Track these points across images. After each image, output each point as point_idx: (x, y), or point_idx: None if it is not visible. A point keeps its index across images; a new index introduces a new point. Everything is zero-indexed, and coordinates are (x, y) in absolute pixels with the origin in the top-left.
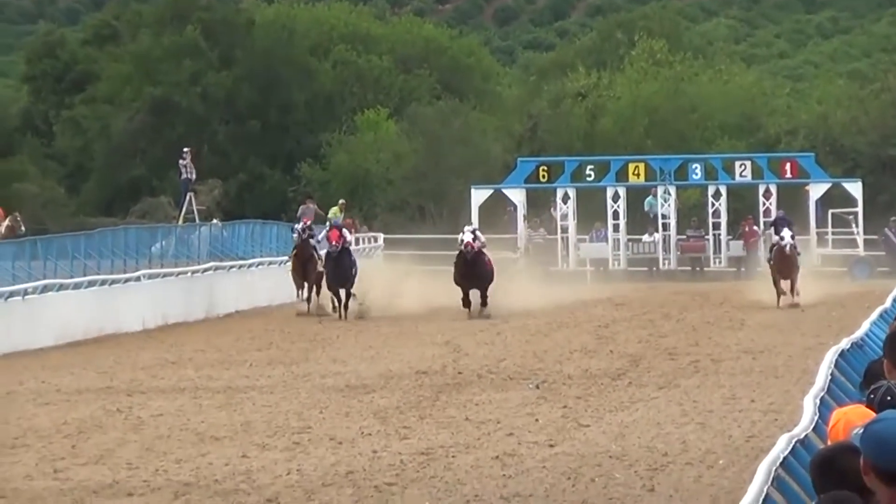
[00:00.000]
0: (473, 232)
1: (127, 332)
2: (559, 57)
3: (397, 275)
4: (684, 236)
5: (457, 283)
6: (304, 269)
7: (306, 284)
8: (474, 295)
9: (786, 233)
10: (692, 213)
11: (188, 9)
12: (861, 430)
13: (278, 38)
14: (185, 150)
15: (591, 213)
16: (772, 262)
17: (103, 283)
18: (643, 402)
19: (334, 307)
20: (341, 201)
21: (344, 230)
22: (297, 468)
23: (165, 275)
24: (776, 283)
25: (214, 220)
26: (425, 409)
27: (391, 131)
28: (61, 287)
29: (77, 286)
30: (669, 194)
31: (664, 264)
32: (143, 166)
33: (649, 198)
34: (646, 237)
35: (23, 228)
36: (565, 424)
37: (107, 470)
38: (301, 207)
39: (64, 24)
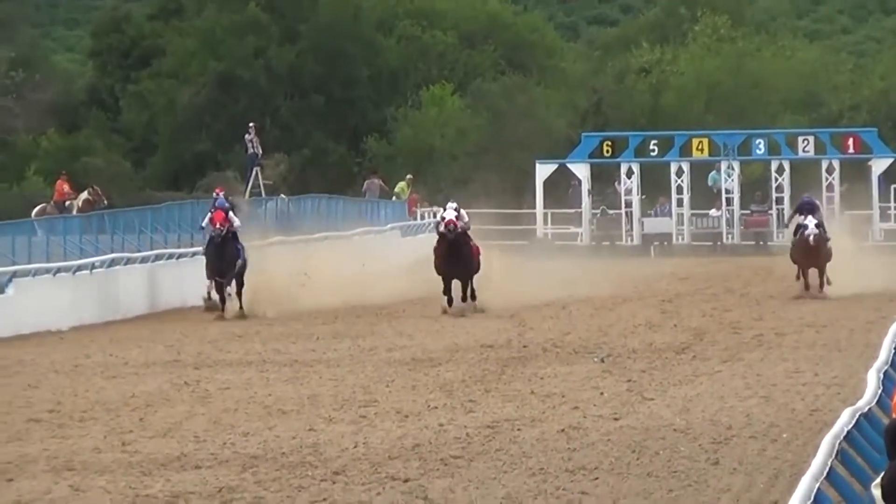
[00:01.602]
0: (457, 209)
1: (193, 306)
2: (623, 32)
3: None
4: (748, 211)
5: (437, 270)
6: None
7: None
8: (457, 287)
9: (810, 220)
10: (756, 188)
11: None
12: None
13: (343, 13)
14: (251, 125)
15: (656, 187)
16: (794, 250)
17: (170, 257)
18: (707, 376)
19: (206, 299)
20: (409, 176)
21: (231, 213)
22: (363, 441)
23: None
24: (802, 273)
25: (281, 195)
26: (491, 382)
27: (455, 106)
28: (128, 261)
29: (144, 260)
30: (733, 169)
31: (728, 239)
32: (208, 141)
33: (713, 173)
34: (712, 212)
35: (105, 201)
36: (630, 398)
37: (174, 443)
38: (366, 182)
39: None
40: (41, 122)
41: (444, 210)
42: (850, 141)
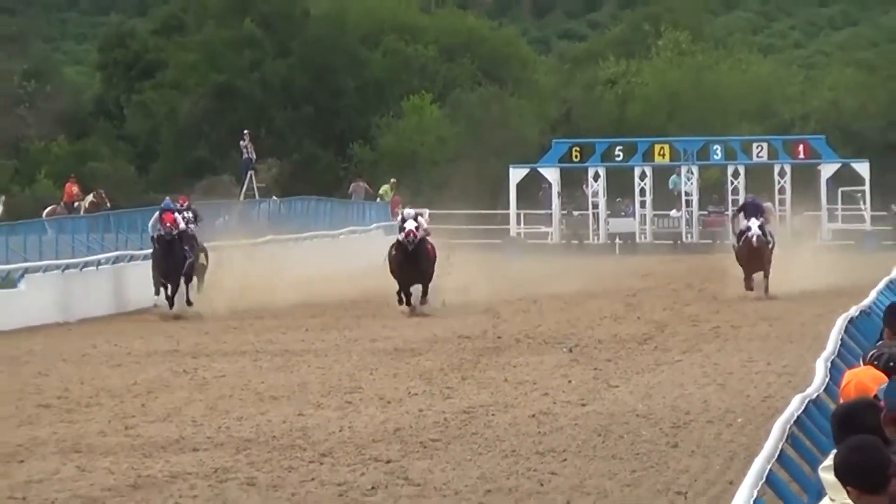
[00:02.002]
0: (416, 217)
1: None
2: (591, 47)
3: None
4: (706, 212)
5: (394, 276)
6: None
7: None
8: (415, 290)
9: (753, 222)
10: (713, 191)
11: (248, 1)
12: (885, 387)
13: (332, 29)
14: (245, 132)
15: (620, 190)
16: (738, 252)
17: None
18: (668, 365)
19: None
20: (392, 180)
21: (178, 216)
22: (349, 425)
23: (226, 248)
24: (746, 275)
25: (273, 197)
26: (467, 370)
27: (435, 115)
28: (132, 258)
29: (146, 258)
30: (692, 173)
31: (687, 238)
32: (206, 147)
33: (673, 177)
34: (672, 213)
35: (108, 204)
36: (596, 385)
37: (174, 427)
38: (352, 185)
39: (134, 15)
40: (52, 130)
41: (403, 219)
42: (801, 147)
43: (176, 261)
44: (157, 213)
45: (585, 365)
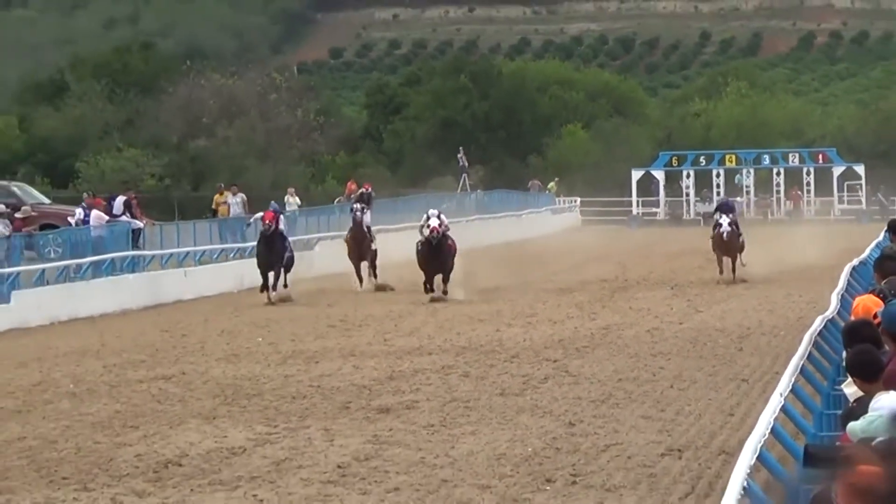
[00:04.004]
0: (439, 216)
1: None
2: (684, 92)
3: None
4: (759, 198)
5: (421, 267)
6: (359, 250)
7: (363, 264)
8: (437, 279)
9: (724, 219)
10: (764, 185)
11: (462, 63)
12: (882, 310)
13: (516, 81)
14: (461, 148)
15: (703, 184)
16: (713, 242)
17: (413, 228)
18: (735, 297)
19: (263, 287)
20: (556, 179)
21: (281, 216)
22: (529, 338)
23: (449, 223)
24: (718, 261)
25: (478, 190)
26: (605, 301)
27: (584, 137)
28: (386, 231)
29: (396, 231)
30: (750, 174)
31: (747, 214)
32: (435, 158)
33: (738, 175)
34: (737, 199)
35: (373, 194)
36: (689, 310)
37: (415, 339)
38: (530, 183)
39: (388, 73)
40: (335, 148)
41: (428, 217)
42: (820, 156)
43: (275, 254)
44: (260, 213)
45: (682, 297)
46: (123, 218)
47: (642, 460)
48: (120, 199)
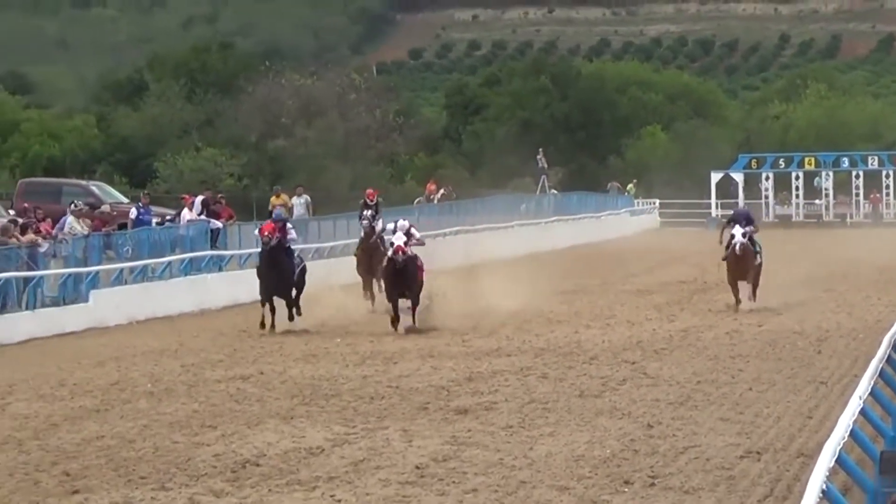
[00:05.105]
0: (408, 232)
1: (502, 259)
2: (763, 94)
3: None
4: (836, 200)
5: (385, 291)
6: (370, 262)
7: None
8: (404, 304)
9: (737, 230)
10: (843, 187)
11: (542, 64)
12: None
13: (595, 82)
14: (540, 149)
15: (782, 187)
16: (727, 262)
17: (492, 229)
18: (813, 300)
19: (262, 323)
20: (635, 180)
21: (288, 224)
22: (608, 339)
23: (527, 224)
24: (731, 285)
25: (553, 191)
26: (684, 303)
27: (663, 139)
28: (465, 232)
29: (475, 231)
30: (829, 176)
31: (826, 218)
32: (515, 159)
33: (817, 178)
34: (816, 202)
35: (454, 196)
36: (767, 313)
37: (494, 340)
38: (609, 184)
39: (467, 73)
40: (414, 148)
41: (392, 232)
42: None
43: (281, 274)
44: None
45: (762, 300)
46: (202, 217)
47: (721, 462)
48: (198, 199)
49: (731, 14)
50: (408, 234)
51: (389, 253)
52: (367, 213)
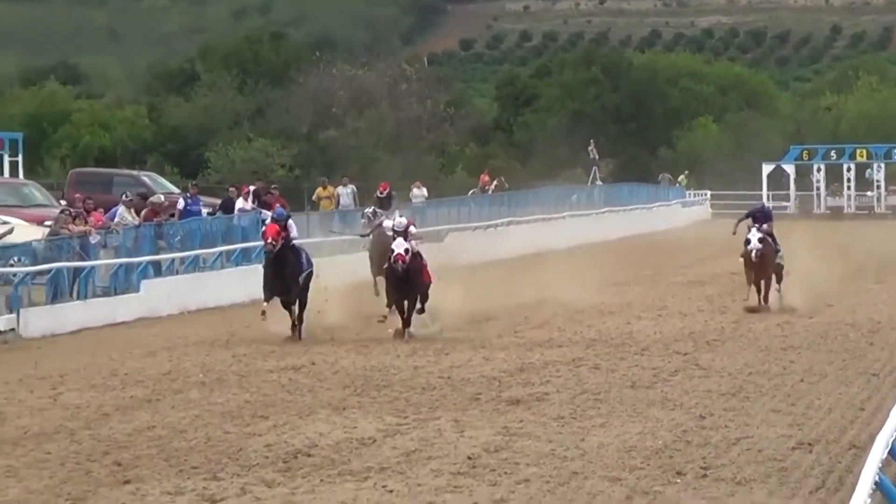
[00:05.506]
0: (405, 232)
1: (554, 250)
2: (815, 86)
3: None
4: (889, 192)
5: (388, 296)
6: (384, 261)
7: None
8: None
9: (753, 233)
10: (895, 179)
11: (593, 55)
12: None
13: (646, 73)
14: (591, 140)
15: (833, 178)
16: (745, 263)
17: (544, 220)
18: (865, 291)
19: (263, 312)
20: (686, 171)
21: (290, 222)
22: (659, 330)
23: (578, 216)
24: (748, 283)
25: (598, 182)
26: (736, 295)
27: (714, 130)
28: (517, 223)
29: (527, 222)
30: (881, 168)
31: (877, 209)
32: (566, 150)
33: (868, 170)
34: (868, 193)
35: (506, 186)
36: (819, 305)
37: (545, 331)
38: (660, 175)
39: (518, 65)
40: (464, 139)
41: (393, 238)
42: None
43: (290, 276)
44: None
45: (811, 291)
46: (252, 207)
47: (773, 454)
48: (249, 190)
49: (782, 5)
50: (406, 232)
51: (391, 261)
52: (368, 210)
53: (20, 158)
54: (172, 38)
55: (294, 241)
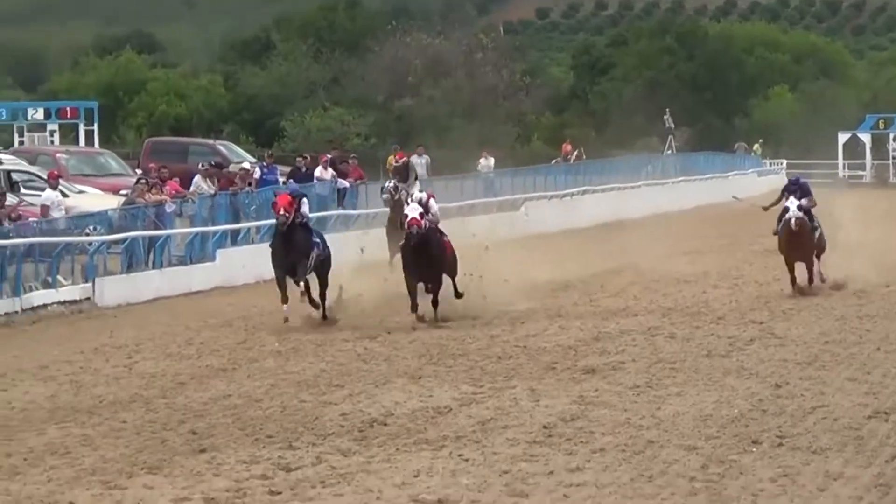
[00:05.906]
0: (423, 201)
1: (629, 219)
2: (891, 55)
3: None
4: None
5: (406, 272)
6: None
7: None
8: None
9: (792, 202)
10: None
11: (669, 24)
12: None
13: (722, 43)
14: (667, 109)
15: None
16: (780, 239)
17: (619, 189)
18: None
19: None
20: (760, 140)
21: (304, 199)
22: (735, 299)
23: (654, 184)
24: (788, 266)
25: (669, 151)
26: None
27: (790, 99)
28: (592, 192)
29: (603, 191)
30: None
31: None
32: (642, 119)
33: None
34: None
35: (584, 156)
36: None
37: (621, 300)
38: (736, 145)
39: (595, 34)
40: (541, 108)
41: (407, 203)
42: None
43: (297, 254)
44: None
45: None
46: (332, 176)
47: (848, 423)
48: (327, 158)
49: None
50: (425, 206)
51: (406, 227)
52: (389, 184)
53: (96, 128)
54: (247, 7)
55: (304, 219)
